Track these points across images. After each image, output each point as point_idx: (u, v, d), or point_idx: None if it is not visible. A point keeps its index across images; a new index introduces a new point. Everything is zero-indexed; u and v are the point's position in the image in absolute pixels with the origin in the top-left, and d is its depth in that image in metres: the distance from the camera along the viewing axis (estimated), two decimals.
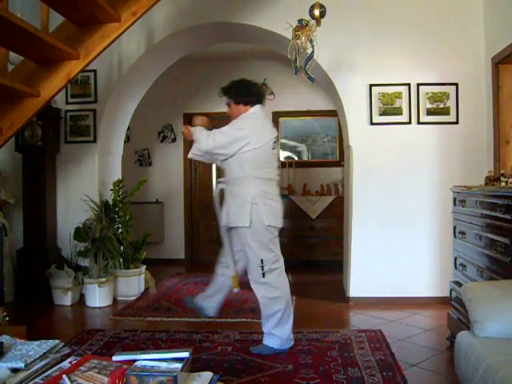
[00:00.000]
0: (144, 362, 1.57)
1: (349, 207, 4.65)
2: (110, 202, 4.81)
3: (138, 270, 4.85)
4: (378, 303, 4.40)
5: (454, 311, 3.31)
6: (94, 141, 4.85)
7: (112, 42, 3.24)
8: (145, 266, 4.98)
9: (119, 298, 4.72)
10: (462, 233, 3.22)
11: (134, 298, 4.76)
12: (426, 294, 4.46)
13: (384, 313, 4.17)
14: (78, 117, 4.90)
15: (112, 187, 4.82)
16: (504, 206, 2.56)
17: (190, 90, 6.83)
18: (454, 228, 3.38)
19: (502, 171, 3.33)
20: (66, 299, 4.56)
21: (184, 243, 6.85)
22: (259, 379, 2.77)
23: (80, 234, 4.61)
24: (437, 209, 4.44)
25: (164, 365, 1.55)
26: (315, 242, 6.12)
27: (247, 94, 3.27)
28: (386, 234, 4.49)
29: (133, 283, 4.80)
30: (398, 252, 4.49)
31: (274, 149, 3.24)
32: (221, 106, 4.09)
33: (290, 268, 6.05)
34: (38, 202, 4.74)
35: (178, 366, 1.53)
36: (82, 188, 4.78)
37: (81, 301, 4.66)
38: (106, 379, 1.54)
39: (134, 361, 1.60)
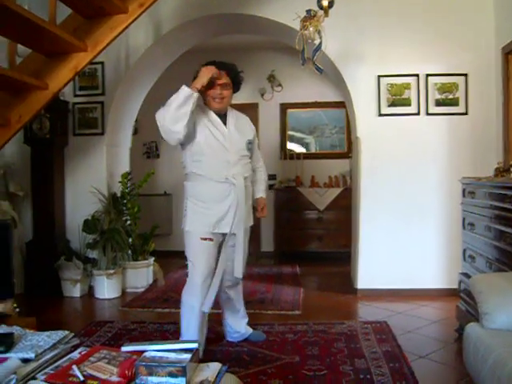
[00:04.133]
0: (153, 353, 1.58)
1: (357, 199, 4.63)
2: (119, 194, 4.83)
3: (146, 261, 4.88)
4: (385, 295, 4.40)
5: (463, 303, 3.30)
6: (102, 133, 4.86)
7: (119, 34, 3.24)
8: (153, 258, 5.00)
9: (128, 290, 4.74)
10: (471, 224, 3.20)
11: (143, 289, 4.78)
12: (435, 285, 4.44)
13: (391, 304, 4.17)
14: (86, 109, 4.91)
15: (120, 179, 4.84)
16: None
17: None
18: (463, 219, 3.37)
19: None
20: (75, 291, 4.59)
21: None
22: (266, 370, 2.78)
23: (88, 226, 4.63)
24: (445, 200, 4.41)
25: (173, 355, 1.56)
26: (323, 233, 6.11)
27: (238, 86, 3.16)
28: (394, 225, 4.48)
29: (141, 275, 4.83)
30: (406, 244, 4.48)
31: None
32: None
33: (297, 260, 6.18)
34: (47, 194, 4.76)
35: (187, 356, 1.54)
36: (91, 180, 4.79)
37: (90, 292, 4.69)
38: (116, 369, 1.55)
39: (143, 351, 1.61)
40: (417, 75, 4.43)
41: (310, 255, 6.11)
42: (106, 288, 4.53)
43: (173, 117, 2.73)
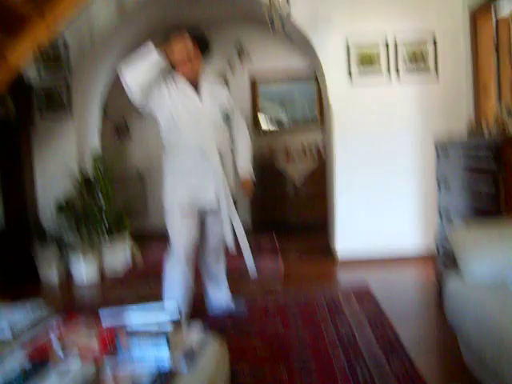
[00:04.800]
0: (133, 320, 1.54)
1: (332, 168, 4.63)
2: (91, 177, 4.73)
3: (123, 242, 4.81)
4: (365, 262, 4.43)
5: (441, 264, 3.34)
6: (70, 114, 4.73)
7: (80, 6, 3.12)
8: (130, 238, 4.93)
9: (106, 272, 4.67)
10: (446, 183, 3.22)
11: (122, 271, 4.72)
12: (414, 250, 4.49)
13: (372, 271, 4.20)
14: (51, 91, 4.76)
15: (92, 162, 4.73)
16: (488, 155, 2.55)
17: None
18: (438, 181, 3.38)
19: (483, 118, 3.32)
20: (53, 276, 4.50)
21: None
22: (251, 342, 2.78)
23: (62, 210, 4.53)
24: (420, 164, 4.45)
25: (154, 322, 1.52)
26: (301, 205, 6.08)
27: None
28: (369, 192, 4.49)
29: (119, 257, 4.76)
30: (383, 210, 4.51)
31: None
32: None
33: (276, 232, 6.13)
34: (16, 179, 4.62)
35: (169, 323, 1.51)
36: (61, 163, 4.67)
37: (68, 276, 4.61)
38: (95, 338, 1.51)
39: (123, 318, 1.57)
40: (385, 35, 4.39)
41: (289, 227, 6.08)
42: (85, 271, 4.45)
43: (135, 77, 2.67)
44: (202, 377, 1.33)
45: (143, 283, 4.29)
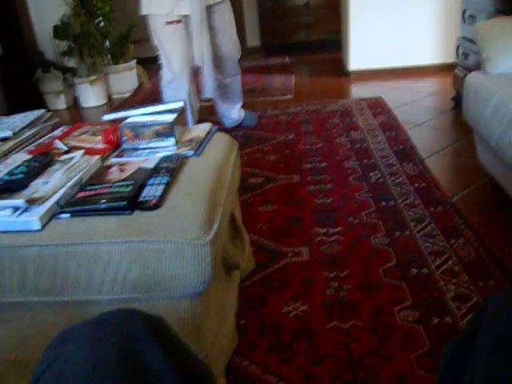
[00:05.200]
0: (137, 117, 1.48)
1: None
2: None
3: (128, 64, 4.63)
4: (379, 74, 4.24)
5: (461, 69, 3.17)
6: None
7: None
8: (135, 60, 4.74)
9: (114, 96, 4.58)
10: None
11: (129, 93, 4.62)
12: (431, 61, 4.25)
13: (386, 82, 4.04)
14: None
15: None
16: None
17: None
18: None
19: None
20: (60, 103, 4.43)
21: None
22: (262, 149, 2.77)
23: (59, 32, 4.29)
24: None
25: (158, 117, 1.46)
26: (312, 20, 5.69)
27: None
28: (387, 2, 4.13)
29: (125, 79, 4.62)
30: (400, 20, 4.18)
31: None
32: None
33: (286, 51, 5.86)
34: (6, 2, 4.31)
35: (173, 115, 1.43)
36: None
37: (75, 104, 4.54)
38: (99, 138, 1.46)
39: (127, 118, 1.50)
40: None
41: (299, 45, 5.77)
42: (91, 96, 4.36)
43: None
44: (210, 161, 1.29)
45: (150, 102, 4.20)
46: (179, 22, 2.61)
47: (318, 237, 1.88)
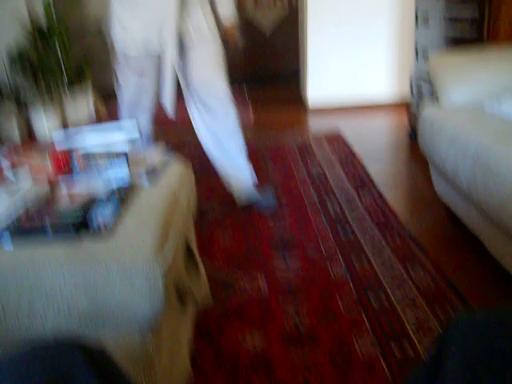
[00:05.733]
0: (88, 139, 1.43)
1: (303, 13, 4.33)
2: (44, 26, 4.34)
3: (85, 96, 4.57)
4: (337, 110, 4.32)
5: (416, 106, 3.26)
6: None
7: None
8: (91, 89, 4.69)
9: (70, 126, 4.49)
10: (425, 19, 3.03)
11: (86, 123, 4.54)
12: (387, 97, 4.38)
13: (344, 118, 4.11)
14: None
15: (43, 10, 4.31)
16: None
17: None
18: (417, 17, 3.18)
19: None
20: (13, 132, 4.30)
21: None
22: (220, 183, 2.73)
23: (15, 62, 4.21)
24: (397, 11, 4.17)
25: (111, 143, 1.41)
26: (271, 55, 5.78)
27: None
28: (343, 36, 4.24)
29: (82, 108, 4.55)
30: (356, 55, 4.30)
31: None
32: None
33: (245, 82, 5.87)
34: None
35: (127, 144, 1.40)
36: (9, 10, 4.24)
37: (30, 133, 4.42)
38: (49, 162, 1.40)
39: (77, 141, 1.45)
40: None
41: (258, 77, 5.81)
42: (46, 125, 4.26)
43: None
44: (164, 190, 1.24)
45: None
46: (143, 68, 2.22)
47: (277, 268, 1.84)
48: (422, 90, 3.08)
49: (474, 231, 1.83)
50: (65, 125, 4.44)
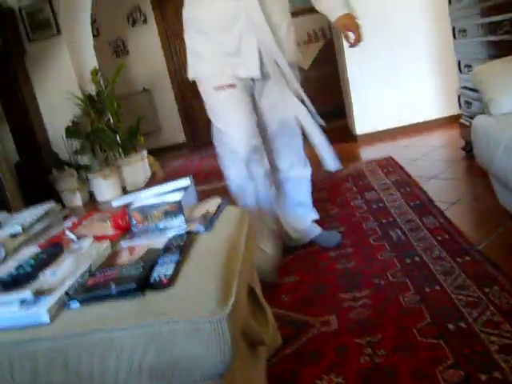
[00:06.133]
0: (145, 198, 1.47)
1: (340, 47, 4.35)
2: (94, 94, 4.58)
3: (139, 155, 4.74)
4: (386, 136, 4.26)
5: (466, 118, 3.17)
6: (58, 32, 4.50)
7: None
8: (146, 151, 4.86)
9: (128, 188, 4.65)
10: (463, 30, 2.97)
11: (143, 184, 4.69)
12: (435, 115, 4.28)
13: (394, 142, 4.06)
14: (34, 11, 4.51)
15: (92, 79, 4.56)
16: None
17: None
18: (453, 28, 3.13)
19: None
20: (76, 199, 4.51)
21: (182, 126, 6.65)
22: None
23: (71, 132, 4.44)
24: (431, 25, 4.13)
25: (166, 196, 1.44)
26: (313, 93, 5.82)
27: None
28: (383, 64, 4.22)
29: (138, 170, 4.71)
30: (398, 80, 4.26)
31: None
32: None
33: None
34: (20, 110, 4.51)
35: (181, 192, 1.42)
36: (61, 85, 4.51)
37: (91, 198, 4.61)
38: (109, 223, 1.44)
39: (135, 201, 1.49)
40: None
41: None
42: (106, 190, 4.43)
43: None
44: (221, 236, 1.25)
45: None
46: (233, 86, 1.95)
47: (345, 303, 1.79)
48: (471, 101, 2.99)
49: None
50: (123, 187, 4.60)
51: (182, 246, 1.18)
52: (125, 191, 4.59)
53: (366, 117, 4.34)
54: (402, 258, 2.03)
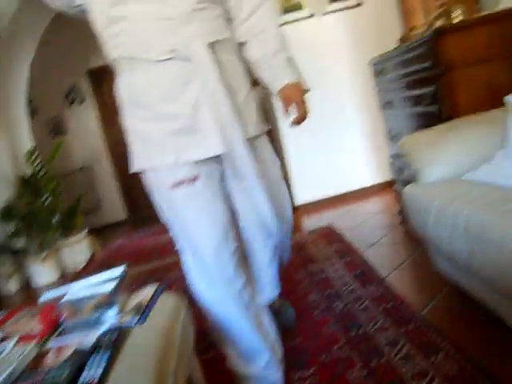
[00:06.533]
0: (75, 291, 1.40)
1: (275, 122, 4.50)
2: (30, 176, 4.47)
3: (79, 236, 4.60)
4: (326, 204, 4.36)
5: (399, 184, 3.29)
6: None
7: None
8: (86, 231, 4.72)
9: (67, 270, 4.47)
10: (389, 103, 3.14)
11: (83, 265, 4.52)
12: (371, 181, 4.44)
13: (333, 210, 4.14)
14: None
15: (27, 160, 4.47)
16: (422, 55, 2.47)
17: (89, 41, 6.29)
18: (380, 100, 3.31)
19: (412, 26, 3.24)
20: (12, 285, 4.27)
21: (122, 203, 6.56)
22: None
23: (4, 215, 4.27)
24: (361, 95, 4.35)
25: (97, 287, 1.38)
26: None
27: None
28: (318, 135, 4.38)
29: (77, 251, 4.55)
30: (334, 149, 4.41)
31: None
32: None
33: None
34: None
35: (113, 283, 1.37)
36: None
37: (28, 283, 4.39)
38: (36, 320, 1.36)
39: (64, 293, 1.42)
40: None
41: None
42: (43, 274, 4.24)
43: None
44: (155, 326, 1.20)
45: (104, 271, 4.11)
46: (193, 179, 1.50)
47: (292, 383, 1.74)
48: (402, 168, 3.12)
49: (483, 302, 1.76)
50: (62, 270, 4.42)
51: (114, 343, 1.12)
52: (63, 274, 4.40)
53: (304, 187, 4.43)
54: (347, 331, 2.01)
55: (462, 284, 1.91)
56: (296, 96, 1.58)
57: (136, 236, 5.32)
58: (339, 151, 4.41)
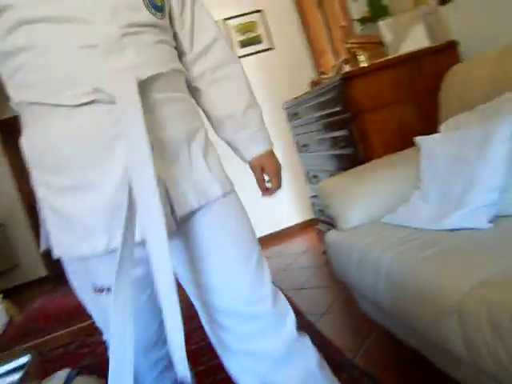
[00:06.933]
0: None
1: None
2: None
3: None
4: None
5: (321, 224, 3.32)
6: None
7: None
8: (1, 294, 4.40)
9: None
10: (305, 145, 3.19)
11: (0, 333, 4.19)
12: (293, 222, 4.47)
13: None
14: None
15: None
16: (333, 100, 2.52)
17: None
18: (297, 143, 3.35)
19: (322, 70, 3.34)
20: None
21: (42, 259, 6.20)
22: None
23: None
24: (281, 139, 4.41)
25: (2, 379, 1.24)
26: None
27: None
28: (236, 183, 4.36)
29: None
30: (254, 196, 4.40)
31: None
32: None
33: None
34: None
35: (17, 375, 1.23)
36: None
37: None
38: None
39: None
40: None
41: None
42: None
43: None
44: None
45: (23, 337, 3.83)
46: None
47: None
48: (323, 209, 3.16)
49: (410, 345, 1.76)
50: None
51: None
52: None
53: None
54: None
55: (388, 327, 1.91)
56: (271, 166, 1.41)
57: (57, 293, 5.02)
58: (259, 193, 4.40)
